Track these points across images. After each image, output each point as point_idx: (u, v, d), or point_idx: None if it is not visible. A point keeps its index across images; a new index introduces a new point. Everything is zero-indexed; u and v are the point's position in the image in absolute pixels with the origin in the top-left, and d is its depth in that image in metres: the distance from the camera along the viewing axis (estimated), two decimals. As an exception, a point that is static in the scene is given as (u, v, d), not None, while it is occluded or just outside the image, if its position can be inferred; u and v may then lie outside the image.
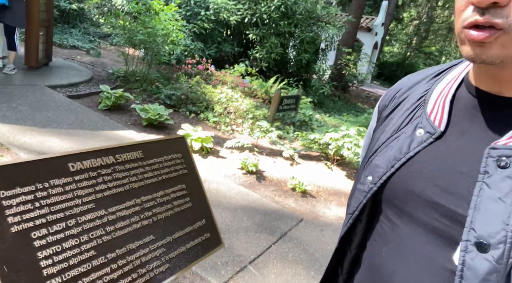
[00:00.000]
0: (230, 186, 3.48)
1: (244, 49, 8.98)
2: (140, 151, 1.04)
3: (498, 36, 0.45)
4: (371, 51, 16.13)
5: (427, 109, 0.60)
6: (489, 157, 0.48)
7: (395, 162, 0.59)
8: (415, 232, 0.56)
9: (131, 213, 0.95)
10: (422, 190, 0.55)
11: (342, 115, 8.45)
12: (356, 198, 0.66)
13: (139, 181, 1.01)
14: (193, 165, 1.20)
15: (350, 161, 4.53)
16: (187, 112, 5.34)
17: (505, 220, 0.45)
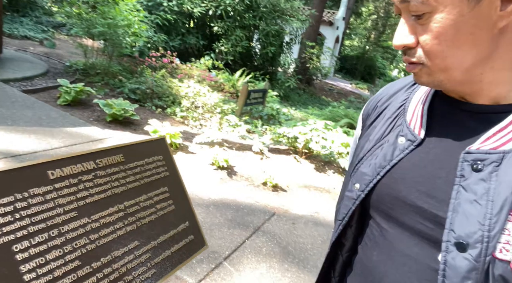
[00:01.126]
0: (201, 183, 3.45)
1: (209, 41, 8.85)
2: (121, 155, 1.01)
3: (420, 68, 0.54)
4: (333, 45, 16.51)
5: (407, 117, 0.63)
6: (464, 161, 0.52)
7: (380, 169, 0.63)
8: (403, 235, 0.59)
9: (114, 220, 0.92)
10: (406, 196, 0.59)
11: (308, 108, 8.61)
12: (345, 205, 0.69)
13: (122, 186, 0.98)
14: (175, 167, 1.18)
15: (318, 154, 4.65)
16: (153, 106, 5.20)
17: (480, 221, 0.48)
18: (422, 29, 0.51)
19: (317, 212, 3.43)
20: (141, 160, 1.06)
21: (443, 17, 0.48)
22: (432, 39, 0.50)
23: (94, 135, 3.90)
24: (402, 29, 0.54)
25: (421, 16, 0.50)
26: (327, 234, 3.06)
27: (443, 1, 0.47)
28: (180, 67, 6.71)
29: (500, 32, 0.48)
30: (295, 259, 2.63)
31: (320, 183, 4.11)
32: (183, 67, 6.71)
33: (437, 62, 0.52)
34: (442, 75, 0.53)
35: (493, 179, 0.49)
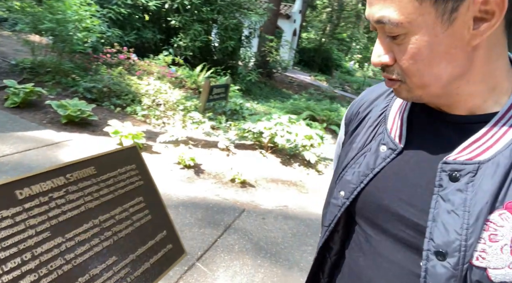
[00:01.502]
0: (169, 183, 3.38)
1: (166, 36, 8.60)
2: (92, 167, 0.97)
3: (399, 85, 0.56)
4: (291, 38, 16.70)
5: (387, 126, 0.65)
6: (442, 172, 0.54)
7: (364, 177, 0.64)
8: (387, 242, 0.61)
9: (90, 236, 0.89)
10: (389, 204, 0.60)
11: (270, 102, 8.68)
12: (331, 212, 0.71)
13: (95, 200, 0.93)
14: (148, 175, 1.14)
15: (283, 148, 4.71)
16: (112, 106, 4.99)
17: (458, 230, 0.50)
18: (399, 49, 0.52)
19: (286, 205, 3.49)
20: (113, 170, 1.02)
21: (417, 38, 0.49)
22: (408, 59, 0.52)
23: (49, 138, 3.67)
24: (379, 47, 0.55)
25: (396, 37, 0.51)
26: (297, 227, 3.13)
27: (417, 24, 0.48)
28: (138, 63, 6.47)
29: (474, 49, 0.50)
30: (267, 254, 2.67)
31: (287, 176, 4.19)
32: (141, 63, 6.47)
33: (415, 80, 0.54)
34: (420, 91, 0.55)
35: (469, 190, 0.51)
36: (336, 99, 11.20)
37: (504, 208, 0.49)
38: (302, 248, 2.84)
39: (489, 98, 0.55)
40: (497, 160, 0.51)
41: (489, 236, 0.49)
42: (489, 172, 0.50)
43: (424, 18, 0.48)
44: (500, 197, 0.49)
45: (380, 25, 0.52)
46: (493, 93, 0.54)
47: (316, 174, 4.48)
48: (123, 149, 1.09)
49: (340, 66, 25.18)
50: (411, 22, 0.48)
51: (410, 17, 0.48)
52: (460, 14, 0.47)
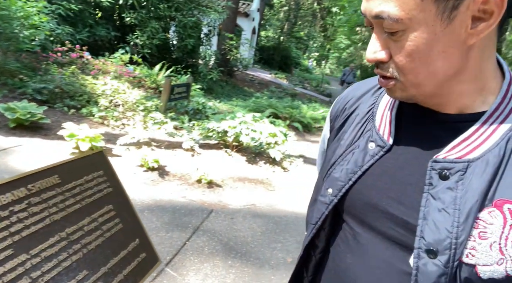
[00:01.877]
0: (132, 186, 3.25)
1: (122, 34, 8.26)
2: (56, 176, 0.89)
3: (394, 83, 0.55)
4: (250, 36, 16.73)
5: (375, 123, 0.64)
6: (432, 170, 0.54)
7: (352, 175, 0.64)
8: (375, 239, 0.61)
9: (57, 251, 0.82)
10: (377, 202, 0.60)
11: (232, 100, 8.64)
12: (318, 209, 0.70)
13: (61, 211, 0.87)
14: (117, 181, 1.08)
15: (248, 146, 4.71)
16: (65, 108, 4.70)
17: (448, 228, 0.51)
18: (395, 46, 0.51)
19: (253, 204, 3.49)
20: (79, 178, 0.96)
21: (416, 35, 0.49)
22: (406, 56, 0.51)
23: (-4, 145, 3.39)
24: (375, 43, 0.54)
25: (394, 33, 0.50)
26: (266, 225, 3.14)
27: (417, 20, 0.48)
28: (92, 62, 6.15)
29: (469, 48, 0.50)
30: (237, 254, 2.66)
31: (253, 175, 4.19)
32: (96, 62, 6.16)
33: (410, 78, 0.53)
34: (414, 90, 0.55)
35: (459, 188, 0.51)
36: (297, 97, 11.40)
37: (493, 206, 0.50)
38: (272, 246, 2.86)
39: (478, 97, 0.55)
40: (486, 159, 0.51)
41: (478, 233, 0.50)
42: (478, 171, 0.51)
43: (424, 15, 0.47)
44: (490, 195, 0.50)
45: (378, 21, 0.51)
46: (481, 93, 0.55)
47: (282, 171, 4.53)
48: (88, 155, 1.02)
49: (299, 64, 25.67)
50: (412, 18, 0.48)
51: (411, 14, 0.47)
52: (460, 12, 0.47)
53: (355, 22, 17.61)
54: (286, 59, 22.26)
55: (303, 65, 26.80)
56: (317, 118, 7.91)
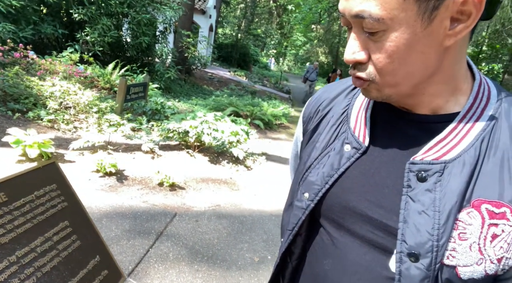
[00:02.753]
0: (88, 194, 3.07)
1: (70, 31, 7.77)
2: (1, 194, 0.81)
3: (369, 84, 0.55)
4: (208, 33, 16.52)
5: (350, 124, 0.64)
6: (410, 172, 0.54)
7: (329, 178, 0.62)
8: (354, 244, 0.60)
9: (7, 277, 0.74)
10: (355, 205, 0.59)
11: (192, 99, 8.48)
12: (295, 215, 0.68)
13: (9, 233, 0.78)
14: (73, 194, 1.00)
15: (210, 146, 4.64)
16: (9, 111, 4.34)
17: (429, 231, 0.51)
18: (375, 47, 0.51)
19: (218, 205, 3.45)
20: (29, 194, 0.87)
21: (397, 35, 0.48)
22: (386, 57, 0.50)
23: None
24: (353, 44, 0.53)
25: (374, 33, 0.49)
26: (231, 225, 3.11)
27: (398, 20, 0.47)
28: (39, 62, 5.72)
29: (445, 50, 0.51)
30: (204, 258, 2.60)
31: (216, 175, 4.13)
32: (42, 62, 5.74)
33: (388, 79, 0.53)
34: (390, 90, 0.54)
35: (437, 189, 0.52)
36: (257, 94, 11.43)
37: (471, 206, 0.50)
38: (239, 246, 2.83)
39: (451, 98, 0.56)
40: (462, 159, 0.52)
41: (458, 234, 0.50)
42: (455, 171, 0.52)
43: (406, 14, 0.47)
44: (467, 195, 0.51)
45: (357, 20, 0.50)
46: (454, 94, 0.56)
47: (246, 170, 4.51)
48: (39, 167, 0.93)
49: (258, 61, 25.79)
50: (393, 18, 0.47)
51: (392, 13, 0.47)
52: (440, 13, 0.47)
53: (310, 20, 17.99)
54: (244, 56, 22.27)
55: (261, 62, 26.96)
56: (278, 115, 7.99)
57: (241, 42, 23.54)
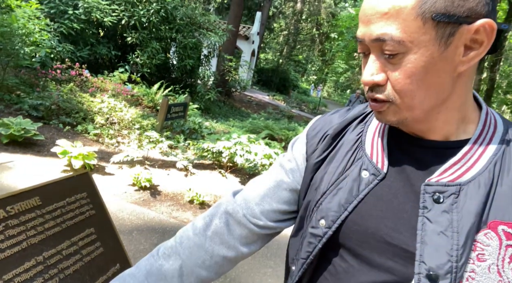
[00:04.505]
0: (122, 206, 3.20)
1: (122, 53, 8.38)
2: (37, 198, 0.88)
3: (388, 106, 0.56)
4: (249, 58, 17.03)
5: (366, 151, 0.64)
6: (426, 193, 0.54)
7: (348, 204, 0.62)
8: (371, 272, 0.59)
9: (32, 276, 0.80)
10: (374, 232, 0.58)
11: (229, 120, 8.69)
12: (309, 243, 0.65)
13: (39, 234, 0.85)
14: (101, 203, 1.07)
15: (243, 167, 4.69)
16: (61, 124, 4.70)
17: (448, 252, 0.50)
18: (394, 68, 0.53)
19: (245, 227, 3.44)
20: (61, 200, 0.94)
21: (416, 58, 0.51)
22: (405, 78, 0.52)
23: (-13, 160, 3.36)
24: (372, 66, 0.55)
25: (394, 55, 0.52)
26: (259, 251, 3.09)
27: (418, 43, 0.50)
28: (91, 80, 6.21)
29: (458, 76, 0.54)
30: (227, 279, 2.59)
31: (246, 196, 4.15)
32: (95, 80, 6.22)
33: (406, 100, 0.54)
34: (407, 113, 0.56)
35: (454, 211, 0.52)
36: (293, 119, 11.48)
37: (488, 227, 0.51)
38: (262, 271, 2.79)
39: (460, 125, 0.58)
40: (477, 181, 0.53)
41: (477, 256, 0.50)
42: (471, 193, 0.52)
43: (425, 38, 0.50)
44: (484, 217, 0.51)
45: (377, 43, 0.52)
46: (463, 121, 0.58)
47: (276, 194, 4.49)
48: (73, 176, 1.01)
49: (297, 87, 26.00)
50: (413, 41, 0.50)
51: (413, 36, 0.50)
52: (455, 39, 0.50)
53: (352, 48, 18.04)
54: (284, 81, 22.59)
55: (301, 88, 27.14)
56: (313, 141, 7.92)
57: (282, 67, 23.97)
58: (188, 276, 0.72)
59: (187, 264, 0.72)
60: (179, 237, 0.75)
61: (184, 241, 0.74)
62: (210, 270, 0.73)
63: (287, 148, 0.81)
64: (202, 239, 0.73)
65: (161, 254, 0.73)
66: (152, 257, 0.73)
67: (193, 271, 0.72)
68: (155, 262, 0.72)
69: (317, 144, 0.71)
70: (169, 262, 0.72)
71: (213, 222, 0.75)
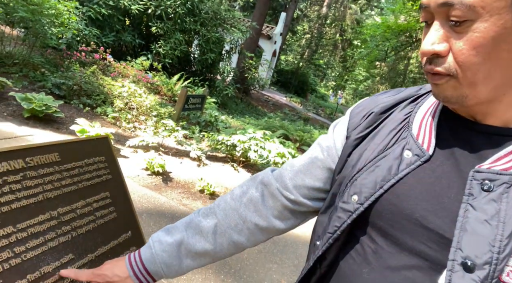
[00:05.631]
0: (134, 188, 3.22)
1: (146, 41, 8.48)
2: (56, 154, 0.88)
3: (447, 80, 0.52)
4: (270, 58, 17.02)
5: (413, 131, 0.61)
6: (474, 180, 0.51)
7: (384, 183, 0.59)
8: (400, 254, 0.56)
9: (45, 229, 0.79)
10: (410, 214, 0.55)
11: (245, 117, 8.69)
12: (338, 217, 0.63)
13: (56, 190, 0.84)
14: (118, 170, 1.06)
15: (255, 163, 4.67)
16: (81, 105, 4.77)
17: (491, 242, 0.47)
18: (458, 37, 0.48)
19: (253, 221, 3.42)
20: (80, 160, 0.94)
21: (486, 27, 0.46)
22: (470, 49, 0.48)
23: (8, 131, 3.43)
24: (434, 35, 0.50)
25: (461, 23, 0.47)
26: (263, 244, 3.06)
27: (490, 10, 0.45)
28: (114, 65, 6.29)
29: None
30: (231, 270, 2.57)
31: (256, 192, 4.13)
32: (117, 65, 6.30)
33: (469, 74, 0.49)
34: (468, 90, 0.51)
35: (504, 200, 0.48)
36: (309, 121, 11.41)
37: None
38: (268, 266, 2.77)
39: None
40: None
41: None
42: None
43: (499, 4, 0.45)
44: None
45: (444, 9, 0.48)
46: None
47: (286, 192, 4.46)
48: (93, 138, 1.00)
49: (315, 91, 25.87)
50: (485, 7, 0.45)
51: (485, 1, 0.45)
52: None
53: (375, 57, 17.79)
54: (303, 84, 22.51)
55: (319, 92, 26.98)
56: (328, 145, 7.85)
57: (301, 70, 23.87)
58: (221, 235, 0.77)
59: (222, 224, 0.77)
60: (218, 200, 0.82)
61: (221, 204, 0.79)
62: (241, 234, 0.77)
63: (301, 149, 0.80)
64: (238, 204, 0.78)
65: (200, 213, 0.80)
66: (193, 214, 0.81)
67: (226, 232, 0.77)
68: (194, 218, 0.79)
69: (360, 120, 0.69)
70: (206, 220, 0.78)
71: (249, 190, 0.79)
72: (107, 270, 0.77)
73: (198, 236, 0.76)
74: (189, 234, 0.76)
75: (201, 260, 0.78)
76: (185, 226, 0.78)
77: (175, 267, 0.76)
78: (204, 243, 0.76)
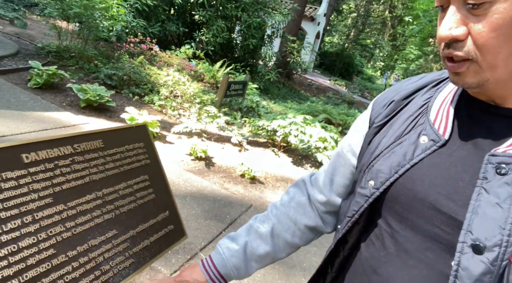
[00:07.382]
0: (179, 173, 3.40)
1: (189, 30, 8.69)
2: (100, 140, 0.97)
3: (469, 65, 0.50)
4: (313, 40, 16.60)
5: (430, 117, 0.61)
6: (489, 164, 0.50)
7: (399, 168, 0.60)
8: (415, 238, 0.57)
9: (92, 207, 0.89)
10: (424, 197, 0.56)
11: (287, 102, 8.65)
12: (356, 202, 0.65)
13: (100, 173, 0.94)
14: (156, 155, 1.15)
15: (296, 148, 4.68)
16: (130, 94, 5.06)
17: (501, 224, 0.47)
18: (477, 20, 0.47)
19: (293, 205, 3.47)
20: (121, 146, 1.03)
21: (506, 7, 0.45)
22: (489, 31, 0.47)
23: (66, 120, 3.75)
24: (451, 19, 0.49)
25: (478, 5, 0.46)
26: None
27: None
28: (160, 54, 6.55)
29: None
30: (271, 251, 2.66)
31: (297, 176, 4.15)
32: (163, 54, 6.55)
33: (489, 57, 0.49)
34: (489, 73, 0.50)
35: None
36: (354, 105, 11.08)
37: None
38: (307, 249, 2.81)
39: None
40: None
41: None
42: None
43: None
44: None
45: None
46: None
47: (327, 177, 4.43)
48: (132, 126, 1.09)
49: (362, 73, 24.88)
50: None
51: None
52: None
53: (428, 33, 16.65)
54: (348, 66, 21.75)
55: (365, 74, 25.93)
56: (373, 128, 7.60)
57: (347, 51, 23.04)
58: (277, 237, 0.85)
59: (276, 227, 0.85)
60: (270, 207, 0.91)
61: (273, 210, 0.89)
62: (294, 235, 0.85)
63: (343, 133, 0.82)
64: (287, 209, 0.86)
65: (257, 220, 0.90)
66: (251, 221, 0.91)
67: (280, 234, 0.85)
68: (253, 224, 0.89)
69: (381, 109, 0.70)
70: (263, 225, 0.87)
71: (296, 196, 0.88)
72: (187, 276, 0.89)
73: (259, 240, 0.85)
74: (251, 239, 0.86)
75: (263, 262, 0.87)
76: (246, 233, 0.88)
77: (243, 270, 0.86)
78: (265, 246, 0.84)
